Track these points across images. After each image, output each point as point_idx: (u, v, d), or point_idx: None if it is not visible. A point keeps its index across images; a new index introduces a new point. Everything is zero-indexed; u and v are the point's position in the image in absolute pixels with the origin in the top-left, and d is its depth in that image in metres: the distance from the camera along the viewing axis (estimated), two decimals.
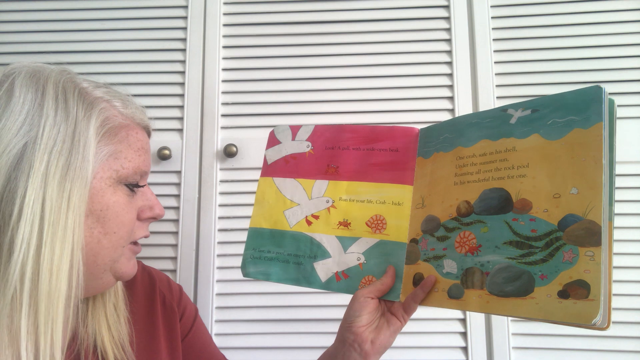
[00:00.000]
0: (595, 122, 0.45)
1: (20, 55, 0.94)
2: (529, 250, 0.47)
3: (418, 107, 0.91)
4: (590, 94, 0.47)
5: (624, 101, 0.87)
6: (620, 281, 0.82)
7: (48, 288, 0.39)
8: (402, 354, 0.84)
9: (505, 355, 0.82)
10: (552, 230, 0.46)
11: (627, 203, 0.84)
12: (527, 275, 0.46)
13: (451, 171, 0.56)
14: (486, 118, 0.55)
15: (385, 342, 0.54)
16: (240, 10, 0.95)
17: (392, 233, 0.60)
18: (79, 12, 0.95)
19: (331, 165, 0.64)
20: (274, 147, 0.69)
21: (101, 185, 0.44)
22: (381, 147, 0.63)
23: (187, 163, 0.91)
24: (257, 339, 0.86)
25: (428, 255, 0.55)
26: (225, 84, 0.93)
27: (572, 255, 0.44)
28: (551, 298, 0.44)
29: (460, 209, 0.54)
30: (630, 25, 0.89)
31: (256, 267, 0.63)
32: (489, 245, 0.50)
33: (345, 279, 0.60)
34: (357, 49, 0.93)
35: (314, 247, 0.62)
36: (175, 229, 0.89)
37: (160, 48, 0.94)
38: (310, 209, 0.64)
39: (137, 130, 0.49)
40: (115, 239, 0.45)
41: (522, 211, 0.48)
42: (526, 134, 0.50)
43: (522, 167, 0.50)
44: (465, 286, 0.50)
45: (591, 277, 0.42)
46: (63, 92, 0.44)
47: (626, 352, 0.81)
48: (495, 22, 0.92)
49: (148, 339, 0.56)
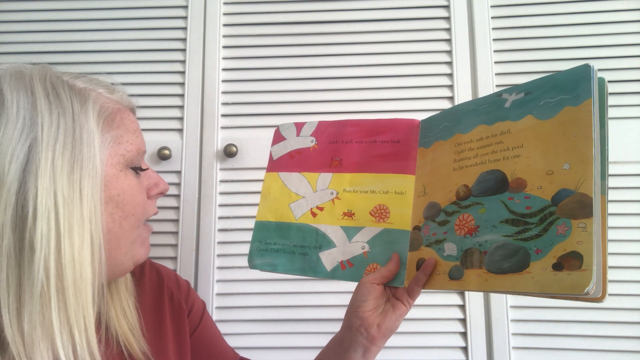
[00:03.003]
0: (585, 99, 0.46)
1: (20, 56, 0.94)
2: (524, 227, 0.48)
3: (418, 107, 0.91)
4: (580, 73, 0.48)
5: (624, 101, 0.87)
6: (622, 281, 0.82)
7: (73, 278, 0.40)
8: (402, 354, 0.84)
9: (505, 355, 0.82)
10: (546, 205, 0.47)
11: (627, 203, 0.84)
12: (523, 251, 0.47)
13: (450, 158, 0.57)
14: (483, 104, 0.56)
15: (391, 326, 0.55)
16: (240, 10, 0.95)
17: (395, 221, 0.61)
18: (79, 12, 0.95)
19: (335, 159, 0.66)
20: (279, 143, 0.70)
21: (113, 171, 0.46)
22: (383, 139, 0.64)
23: (187, 163, 0.91)
24: (257, 339, 0.86)
25: (430, 241, 0.57)
26: (225, 84, 0.93)
27: (565, 228, 0.44)
28: (546, 271, 0.44)
29: (459, 193, 0.55)
30: (630, 25, 0.89)
31: (263, 258, 0.65)
32: (487, 225, 0.51)
33: (350, 268, 0.61)
34: (357, 49, 0.93)
35: (319, 237, 0.63)
36: (175, 229, 0.89)
37: (160, 48, 0.94)
38: (315, 201, 0.65)
39: (128, 113, 0.51)
40: (134, 220, 0.47)
41: (517, 190, 0.49)
42: (520, 116, 0.52)
43: (516, 147, 0.51)
44: (465, 266, 0.51)
45: (583, 247, 0.42)
46: (53, 88, 0.44)
47: (626, 351, 0.81)
48: (495, 22, 0.92)
49: (155, 336, 0.57)
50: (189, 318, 0.62)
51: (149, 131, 0.91)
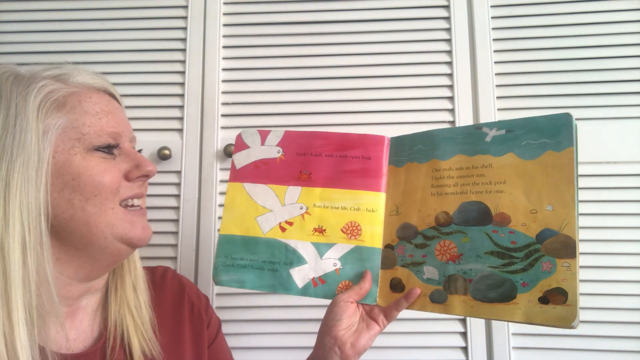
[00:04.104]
0: (567, 147, 0.51)
1: (20, 55, 0.94)
2: (509, 260, 0.52)
3: (418, 107, 0.91)
4: (561, 120, 0.52)
5: (624, 101, 0.87)
6: (622, 281, 0.82)
7: (0, 269, 0.41)
8: (402, 354, 0.84)
9: (505, 355, 0.82)
10: (531, 242, 0.51)
11: (627, 203, 0.84)
12: (510, 283, 0.51)
13: (427, 182, 0.60)
14: (460, 134, 0.59)
15: (365, 345, 0.56)
16: (240, 10, 0.95)
17: (367, 239, 0.61)
18: (79, 12, 0.95)
19: (304, 172, 0.65)
20: (242, 151, 0.68)
21: (65, 156, 0.45)
22: (354, 154, 0.64)
23: (187, 163, 0.91)
24: (257, 339, 0.86)
25: (406, 261, 0.59)
26: (225, 84, 0.93)
27: (550, 266, 0.50)
28: (532, 303, 0.49)
29: (439, 219, 0.58)
30: (630, 25, 0.89)
31: (229, 274, 0.63)
32: (471, 254, 0.55)
33: (322, 285, 0.61)
34: (357, 49, 0.93)
35: (289, 253, 0.62)
36: (175, 229, 0.89)
37: (160, 48, 0.94)
38: (283, 215, 0.64)
39: (90, 95, 0.49)
40: (99, 201, 0.46)
41: (501, 224, 0.54)
42: (502, 152, 0.56)
43: (499, 183, 0.55)
44: (449, 292, 0.55)
45: (568, 285, 0.48)
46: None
47: (626, 351, 0.81)
48: (495, 22, 0.92)
49: (172, 341, 0.57)
50: (207, 330, 0.62)
51: (149, 131, 0.91)
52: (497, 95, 0.89)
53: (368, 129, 0.90)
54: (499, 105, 0.89)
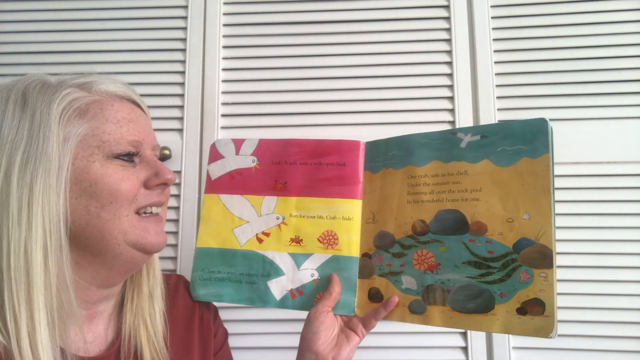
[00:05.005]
0: (543, 154, 0.50)
1: (20, 55, 0.94)
2: (487, 270, 0.52)
3: (418, 107, 0.91)
4: (537, 126, 0.51)
5: (624, 101, 0.87)
6: (622, 281, 0.82)
7: (24, 272, 0.41)
8: (402, 354, 0.84)
9: (505, 355, 0.82)
10: (508, 252, 0.51)
11: (627, 203, 0.84)
12: (487, 294, 0.51)
13: (403, 189, 0.59)
14: (435, 139, 0.58)
15: (347, 357, 0.55)
16: (240, 10, 0.95)
17: (344, 248, 0.61)
18: (79, 12, 0.95)
19: (279, 181, 0.64)
20: (216, 161, 0.67)
21: (84, 163, 0.45)
22: (329, 161, 0.63)
23: (187, 163, 0.91)
24: (257, 339, 0.86)
25: (384, 271, 0.59)
26: (225, 84, 0.93)
27: (527, 276, 0.49)
28: (510, 314, 0.49)
29: (416, 228, 0.57)
30: (630, 25, 0.89)
31: (207, 288, 0.62)
32: (448, 264, 0.54)
33: (300, 296, 0.60)
34: (357, 49, 0.93)
35: (266, 265, 0.62)
36: (175, 229, 0.89)
37: (160, 48, 0.94)
38: (260, 226, 0.63)
39: (113, 103, 0.49)
40: (114, 208, 0.46)
41: (478, 233, 0.53)
42: (477, 159, 0.55)
43: (475, 191, 0.54)
44: (427, 302, 0.55)
45: (545, 295, 0.48)
46: (24, 92, 0.46)
47: (626, 351, 0.81)
48: (495, 22, 0.92)
49: (182, 349, 0.57)
50: (214, 340, 0.62)
51: None
52: (497, 95, 0.89)
53: (368, 129, 0.90)
54: (499, 105, 0.89)
